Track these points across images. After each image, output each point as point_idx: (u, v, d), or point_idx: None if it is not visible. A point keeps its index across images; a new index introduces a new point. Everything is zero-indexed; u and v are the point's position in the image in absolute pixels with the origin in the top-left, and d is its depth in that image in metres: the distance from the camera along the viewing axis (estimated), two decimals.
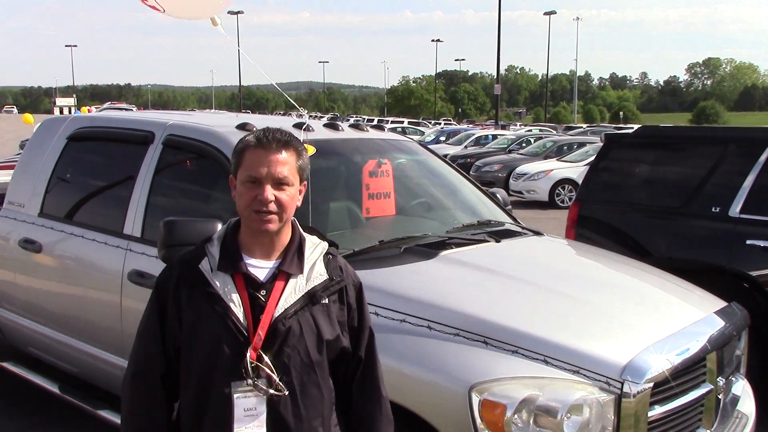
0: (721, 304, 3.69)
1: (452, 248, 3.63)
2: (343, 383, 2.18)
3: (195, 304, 2.04)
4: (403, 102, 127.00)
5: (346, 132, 4.44)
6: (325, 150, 4.04)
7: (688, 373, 3.03)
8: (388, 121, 49.86)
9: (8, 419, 4.86)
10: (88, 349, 4.17)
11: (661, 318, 3.32)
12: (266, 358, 1.99)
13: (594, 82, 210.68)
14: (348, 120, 30.80)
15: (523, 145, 24.68)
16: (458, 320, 2.93)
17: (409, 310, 2.99)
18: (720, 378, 3.26)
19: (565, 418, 2.63)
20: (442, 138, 31.43)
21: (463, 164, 21.40)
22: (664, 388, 2.88)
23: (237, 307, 2.01)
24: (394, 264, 3.39)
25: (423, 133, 36.33)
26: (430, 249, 3.57)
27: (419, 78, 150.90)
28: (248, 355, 1.98)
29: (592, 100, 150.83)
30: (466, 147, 26.91)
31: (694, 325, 3.28)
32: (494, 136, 28.41)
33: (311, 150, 3.67)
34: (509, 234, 4.10)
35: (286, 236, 2.10)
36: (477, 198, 4.69)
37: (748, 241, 5.12)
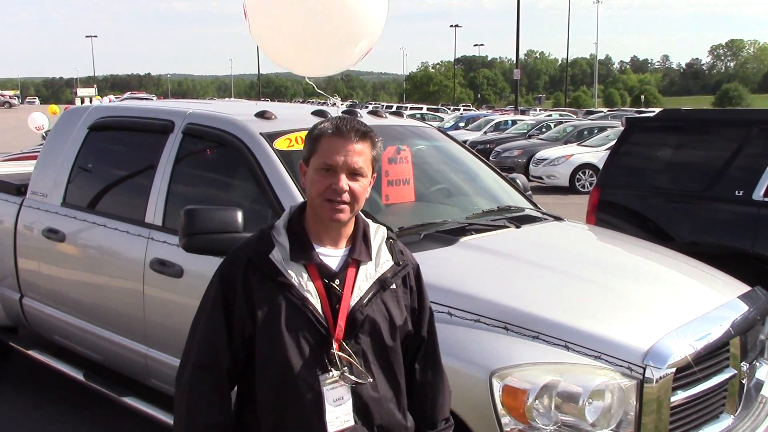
0: (745, 288, 3.65)
1: (472, 234, 3.62)
2: (406, 363, 2.17)
3: (268, 296, 1.99)
4: (422, 88, 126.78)
5: (364, 119, 4.43)
6: None
7: (711, 358, 3.01)
8: (406, 107, 49.77)
9: (33, 408, 4.93)
10: (112, 336, 4.22)
11: (684, 303, 3.29)
12: (347, 348, 2.00)
13: (615, 66, 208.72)
14: (367, 107, 30.79)
15: (543, 130, 24.53)
16: (479, 306, 2.93)
17: (430, 297, 2.97)
18: (744, 363, 3.24)
19: (587, 404, 2.62)
20: (462, 124, 31.32)
21: (482, 150, 21.30)
22: (687, 373, 2.87)
23: (314, 297, 1.99)
24: (414, 250, 3.35)
25: (442, 119, 36.23)
26: (449, 235, 3.56)
27: (438, 64, 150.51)
28: (333, 346, 1.98)
29: (613, 84, 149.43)
30: (485, 132, 26.78)
31: (716, 309, 3.25)
32: (514, 122, 28.24)
33: None
34: (529, 219, 4.08)
35: (351, 224, 2.08)
36: (497, 184, 4.67)
37: None
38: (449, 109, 56.50)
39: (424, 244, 3.44)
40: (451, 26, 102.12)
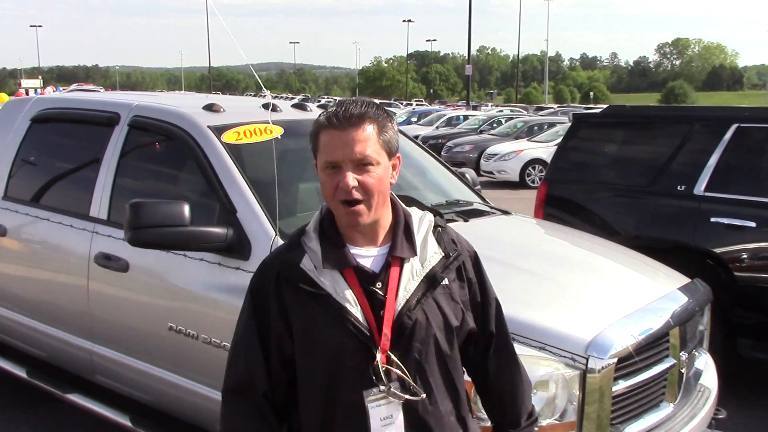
0: (685, 280, 3.75)
1: None
2: (475, 363, 2.00)
3: (304, 309, 1.81)
4: (375, 83, 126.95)
5: (314, 112, 4.42)
6: (294, 130, 4.02)
7: (651, 348, 3.09)
8: None
9: None
10: (56, 333, 4.14)
11: (626, 294, 3.37)
12: (395, 359, 1.78)
13: (565, 63, 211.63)
14: (319, 101, 30.65)
15: (494, 125, 24.77)
16: None
17: None
18: (683, 353, 3.33)
19: (532, 394, 2.66)
20: (414, 119, 31.44)
21: (434, 145, 21.47)
22: (628, 363, 2.93)
23: (353, 306, 1.78)
24: None
25: (395, 113, 36.27)
26: None
27: (391, 59, 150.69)
28: (378, 358, 1.77)
29: (563, 80, 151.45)
30: (437, 128, 26.94)
31: (657, 301, 3.33)
32: (465, 117, 28.47)
33: (279, 131, 3.66)
34: (477, 213, 4.12)
35: (387, 217, 1.85)
36: (445, 178, 4.70)
37: (713, 219, 5.20)
38: (401, 104, 56.60)
39: None
40: (404, 21, 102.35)
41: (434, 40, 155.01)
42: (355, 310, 1.78)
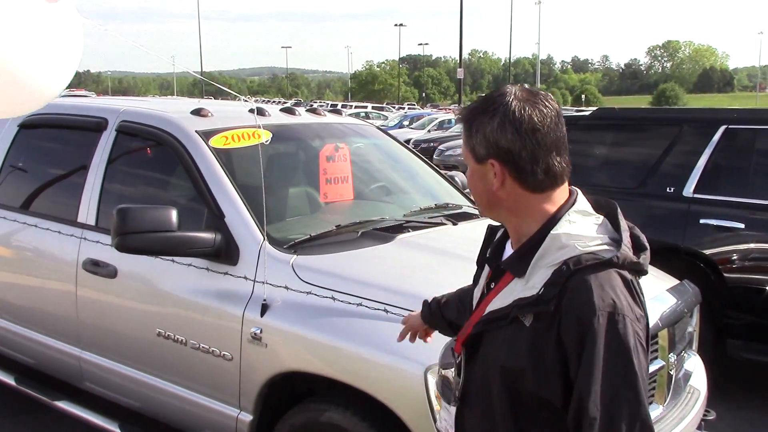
0: (674, 282, 3.76)
1: (409, 231, 3.65)
2: None
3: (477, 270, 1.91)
4: (367, 87, 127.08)
5: (302, 117, 4.42)
6: (282, 135, 4.03)
7: None
8: (351, 105, 49.79)
9: None
10: (44, 339, 4.12)
11: None
12: (462, 354, 1.77)
13: (556, 66, 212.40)
14: (311, 105, 30.65)
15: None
16: (414, 303, 2.92)
17: (365, 293, 3.00)
18: (672, 354, 3.33)
19: None
20: (406, 122, 31.44)
21: (426, 148, 21.46)
22: None
23: (478, 291, 1.83)
24: (351, 248, 3.39)
25: (386, 117, 36.34)
26: (386, 233, 3.57)
27: (383, 63, 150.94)
28: (455, 344, 1.82)
29: (555, 83, 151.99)
30: (429, 131, 26.94)
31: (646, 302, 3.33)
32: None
33: (267, 135, 3.66)
34: (466, 216, 4.12)
35: (526, 227, 1.66)
36: (435, 181, 4.70)
37: (702, 221, 5.22)
38: (394, 107, 56.68)
39: (361, 242, 3.45)
40: (396, 25, 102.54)
41: (426, 44, 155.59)
42: (477, 292, 1.83)
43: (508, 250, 1.74)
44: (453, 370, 1.81)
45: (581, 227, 1.61)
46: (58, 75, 2.35)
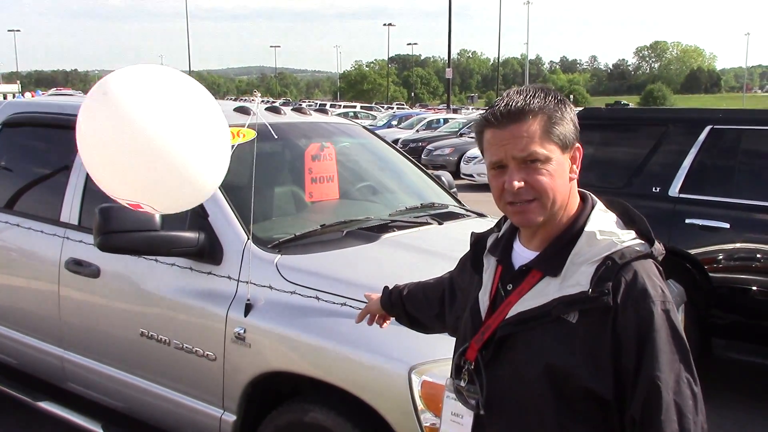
0: None
1: (394, 231, 3.64)
2: None
3: (466, 277, 1.90)
4: (356, 86, 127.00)
5: (288, 116, 4.40)
6: (268, 134, 4.00)
7: None
8: (340, 105, 49.76)
9: None
10: (27, 339, 4.08)
11: None
12: (479, 362, 1.69)
13: (545, 66, 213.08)
14: (300, 105, 30.58)
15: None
16: None
17: (350, 293, 2.98)
18: None
19: None
20: (394, 122, 31.45)
21: (414, 148, 21.46)
22: None
23: (485, 294, 1.75)
24: (336, 248, 3.38)
25: (375, 117, 36.34)
26: (372, 232, 3.56)
27: (372, 62, 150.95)
28: (467, 352, 1.72)
29: (544, 83, 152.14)
30: (417, 131, 26.95)
31: None
32: (446, 120, 28.50)
33: (252, 134, 3.64)
34: (452, 216, 4.11)
35: (554, 225, 1.65)
36: (421, 181, 4.70)
37: (687, 220, 5.23)
38: (382, 107, 56.69)
39: (346, 241, 3.44)
40: (385, 25, 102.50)
41: (415, 43, 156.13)
42: (483, 299, 1.75)
43: (520, 251, 1.73)
44: (462, 378, 1.73)
45: (608, 224, 1.65)
46: (218, 174, 2.61)
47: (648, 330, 1.52)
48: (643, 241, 1.63)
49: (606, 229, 1.63)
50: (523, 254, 1.71)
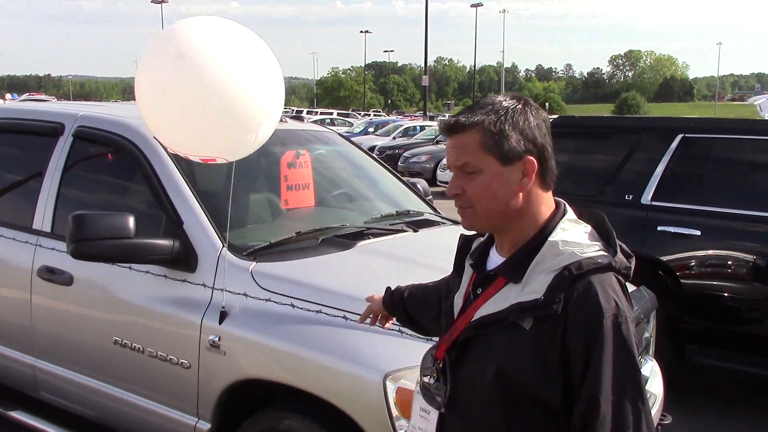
0: (630, 288, 3.79)
1: (370, 239, 3.65)
2: None
3: (452, 276, 1.95)
4: (333, 93, 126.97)
5: None
6: None
7: None
8: (317, 112, 49.69)
9: None
10: None
11: None
12: (447, 361, 1.74)
13: (521, 74, 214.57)
14: None
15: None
16: None
17: (325, 300, 2.99)
18: None
19: None
20: (371, 129, 31.50)
21: (391, 155, 21.52)
22: None
23: (459, 297, 1.81)
24: (311, 255, 3.38)
25: (352, 124, 36.36)
26: (347, 240, 3.57)
27: (349, 69, 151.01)
28: (435, 351, 1.79)
29: (519, 91, 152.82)
30: (394, 138, 27.01)
31: None
32: (422, 127, 28.58)
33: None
34: (427, 224, 4.13)
35: (521, 232, 1.69)
36: (397, 188, 4.71)
37: (660, 228, 5.29)
38: (360, 114, 56.74)
39: (321, 249, 3.44)
40: (362, 32, 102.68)
41: (392, 50, 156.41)
42: (458, 301, 1.81)
43: (493, 257, 1.77)
44: (431, 376, 1.79)
45: (575, 234, 1.67)
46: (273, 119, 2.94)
47: (594, 342, 1.53)
48: (606, 254, 1.64)
49: (570, 239, 1.65)
50: (495, 260, 1.76)
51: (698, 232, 5.15)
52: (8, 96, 34.15)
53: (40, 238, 3.81)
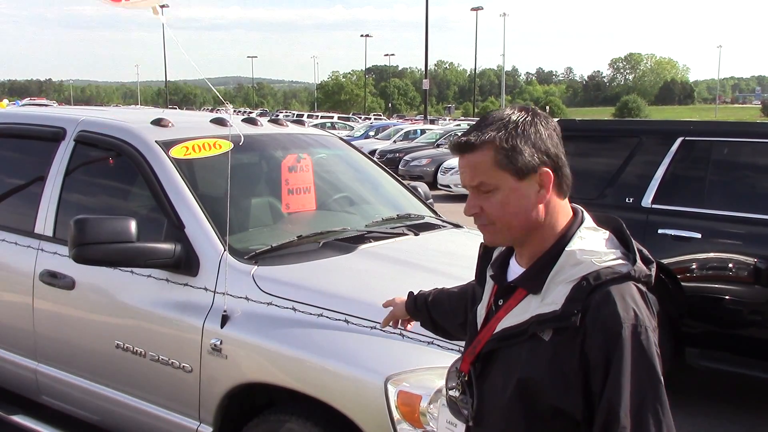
0: None
1: (371, 242, 3.65)
2: None
3: (475, 286, 1.94)
4: (334, 97, 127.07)
5: (265, 127, 4.41)
6: (244, 145, 4.00)
7: None
8: (317, 116, 49.76)
9: None
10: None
11: None
12: (472, 374, 1.74)
13: (521, 77, 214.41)
14: (277, 115, 30.52)
15: (452, 139, 24.87)
16: (375, 313, 2.94)
17: (326, 304, 3.00)
18: None
19: None
20: (372, 133, 31.48)
21: (392, 159, 21.53)
22: None
23: (482, 308, 1.81)
24: (313, 259, 3.39)
25: (352, 128, 36.38)
26: (348, 243, 3.58)
27: (349, 73, 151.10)
28: (460, 364, 1.79)
29: (520, 94, 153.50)
30: (395, 142, 27.01)
31: None
32: (423, 131, 28.59)
33: (228, 145, 3.65)
34: (428, 227, 4.14)
35: (540, 243, 1.68)
36: (398, 192, 4.72)
37: (660, 231, 5.30)
38: (360, 118, 56.78)
39: (322, 252, 3.45)
40: (362, 36, 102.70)
41: (392, 54, 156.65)
42: (480, 310, 1.81)
43: (514, 267, 1.76)
44: (456, 389, 1.79)
45: (593, 243, 1.65)
46: None
47: (613, 353, 1.52)
48: (625, 262, 1.62)
49: (588, 248, 1.63)
50: (515, 270, 1.75)
51: (699, 235, 5.16)
52: (5, 101, 34.09)
53: (42, 242, 3.82)
